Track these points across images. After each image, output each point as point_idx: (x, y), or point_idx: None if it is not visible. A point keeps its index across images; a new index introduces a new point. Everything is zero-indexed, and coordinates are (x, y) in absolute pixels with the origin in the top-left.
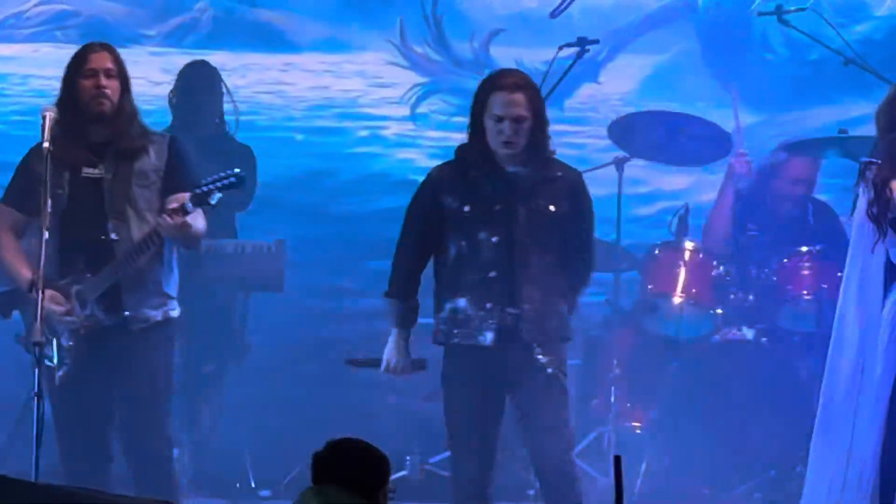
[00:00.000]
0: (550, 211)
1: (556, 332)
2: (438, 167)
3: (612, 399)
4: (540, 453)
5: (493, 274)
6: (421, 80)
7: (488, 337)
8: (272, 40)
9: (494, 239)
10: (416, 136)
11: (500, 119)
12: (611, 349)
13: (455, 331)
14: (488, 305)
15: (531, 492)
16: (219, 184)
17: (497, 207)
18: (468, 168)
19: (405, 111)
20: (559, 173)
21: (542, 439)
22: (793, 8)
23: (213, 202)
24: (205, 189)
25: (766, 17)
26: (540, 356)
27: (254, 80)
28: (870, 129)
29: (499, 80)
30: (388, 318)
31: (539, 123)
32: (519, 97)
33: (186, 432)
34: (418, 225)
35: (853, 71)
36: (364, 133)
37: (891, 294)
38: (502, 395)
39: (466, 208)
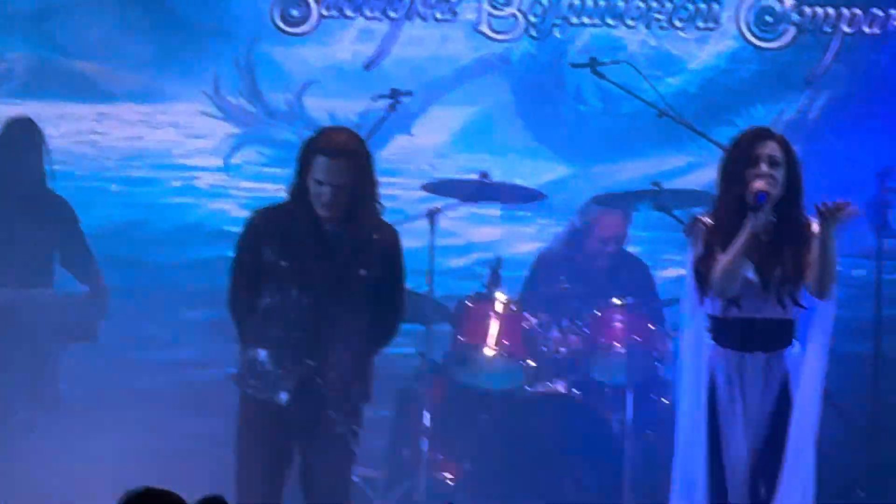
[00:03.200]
0: (362, 275)
1: (357, 396)
2: (262, 212)
3: (424, 450)
4: None
5: (298, 333)
6: (234, 130)
7: (283, 397)
8: (86, 90)
9: (305, 299)
10: (230, 187)
11: (320, 183)
12: (422, 400)
13: (251, 381)
14: (288, 364)
15: None
16: None
17: (312, 267)
18: (289, 221)
19: (218, 162)
20: (376, 235)
21: (320, 498)
22: (607, 60)
23: None
24: None
25: (580, 70)
26: (332, 414)
27: (68, 131)
28: (683, 182)
29: (324, 143)
30: None
31: (363, 188)
32: (341, 164)
33: None
34: (246, 272)
35: (666, 123)
36: (177, 183)
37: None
38: (291, 449)
39: (283, 263)
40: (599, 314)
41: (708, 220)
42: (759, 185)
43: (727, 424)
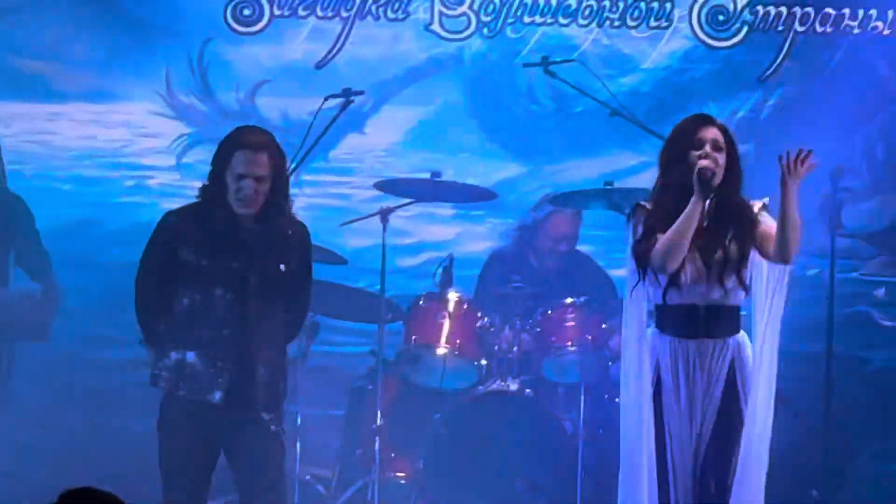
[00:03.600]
0: (281, 270)
1: (284, 392)
2: (176, 213)
3: (377, 449)
4: None
5: (226, 332)
6: (187, 130)
7: (217, 396)
8: (38, 90)
9: (229, 297)
10: (182, 187)
11: (240, 177)
12: (375, 400)
13: (182, 383)
14: (219, 364)
15: None
16: None
17: (234, 265)
18: (206, 220)
19: (171, 161)
20: (290, 231)
21: (256, 497)
22: (559, 59)
23: None
24: None
25: (532, 69)
26: (264, 414)
27: (19, 130)
28: (635, 181)
29: (242, 138)
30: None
31: (280, 184)
32: (262, 157)
33: None
34: (155, 270)
35: (619, 123)
36: (130, 183)
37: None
38: (219, 448)
39: (204, 262)
40: (552, 313)
41: (648, 204)
42: (704, 162)
43: (672, 415)
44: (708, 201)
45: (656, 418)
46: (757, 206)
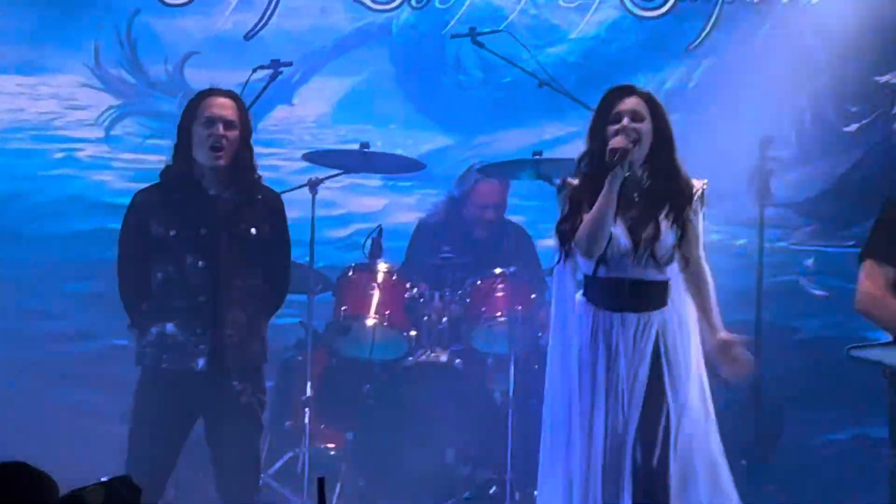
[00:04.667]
0: (252, 234)
1: (257, 357)
2: (142, 192)
3: (306, 421)
4: (224, 483)
5: (202, 298)
6: (115, 102)
7: (200, 363)
8: None
9: (201, 263)
10: (111, 159)
11: (210, 122)
12: (304, 371)
13: (164, 356)
14: (199, 331)
15: None
16: None
17: (202, 232)
18: (171, 192)
19: (100, 133)
20: (259, 196)
21: (229, 470)
22: (486, 30)
23: None
24: None
25: (460, 40)
26: (236, 384)
27: None
28: (564, 152)
29: (209, 92)
30: None
31: (245, 138)
32: (229, 102)
33: None
34: (131, 253)
35: (547, 93)
36: (59, 155)
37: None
38: (196, 417)
39: (172, 233)
40: (481, 284)
41: (574, 180)
42: (616, 141)
43: (598, 385)
44: (642, 171)
45: (581, 385)
46: (698, 185)
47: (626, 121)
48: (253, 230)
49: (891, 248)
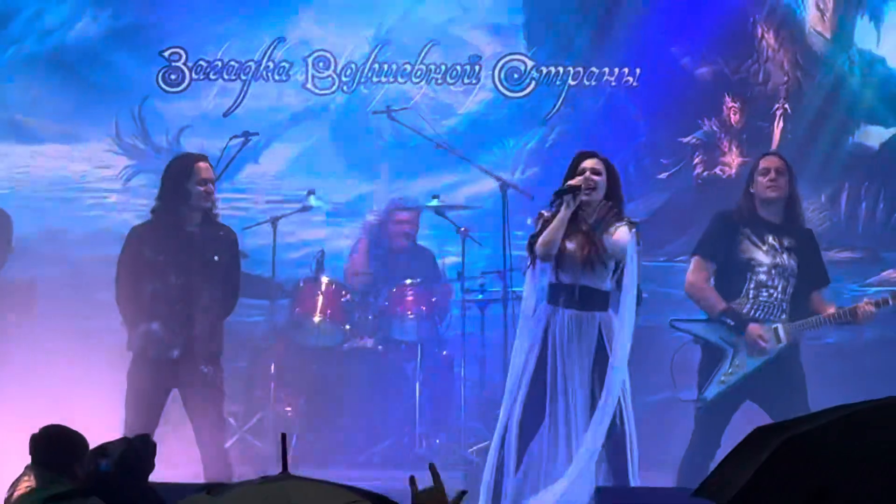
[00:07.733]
0: (216, 260)
1: (217, 348)
2: (138, 227)
3: (271, 391)
4: (200, 437)
5: (178, 306)
6: (131, 162)
7: (175, 353)
8: (22, 135)
9: (180, 281)
10: (129, 203)
11: (204, 182)
12: (269, 354)
13: (149, 346)
14: (176, 329)
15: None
16: None
17: (181, 258)
18: (161, 226)
19: (120, 185)
20: (221, 232)
21: (203, 427)
22: (398, 108)
23: None
24: None
25: (379, 115)
26: (203, 367)
27: (6, 165)
28: (454, 196)
29: (195, 157)
30: None
31: (213, 188)
32: (209, 166)
33: None
34: (129, 271)
35: (443, 153)
36: (91, 201)
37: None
38: (170, 391)
39: (160, 258)
40: (396, 290)
41: (546, 212)
42: (574, 180)
43: (557, 365)
44: (594, 213)
45: (538, 364)
46: (625, 221)
47: (587, 173)
48: (216, 257)
49: (713, 248)
